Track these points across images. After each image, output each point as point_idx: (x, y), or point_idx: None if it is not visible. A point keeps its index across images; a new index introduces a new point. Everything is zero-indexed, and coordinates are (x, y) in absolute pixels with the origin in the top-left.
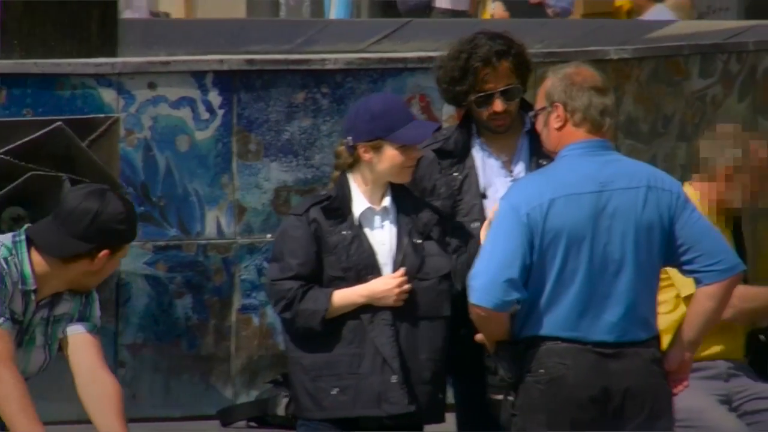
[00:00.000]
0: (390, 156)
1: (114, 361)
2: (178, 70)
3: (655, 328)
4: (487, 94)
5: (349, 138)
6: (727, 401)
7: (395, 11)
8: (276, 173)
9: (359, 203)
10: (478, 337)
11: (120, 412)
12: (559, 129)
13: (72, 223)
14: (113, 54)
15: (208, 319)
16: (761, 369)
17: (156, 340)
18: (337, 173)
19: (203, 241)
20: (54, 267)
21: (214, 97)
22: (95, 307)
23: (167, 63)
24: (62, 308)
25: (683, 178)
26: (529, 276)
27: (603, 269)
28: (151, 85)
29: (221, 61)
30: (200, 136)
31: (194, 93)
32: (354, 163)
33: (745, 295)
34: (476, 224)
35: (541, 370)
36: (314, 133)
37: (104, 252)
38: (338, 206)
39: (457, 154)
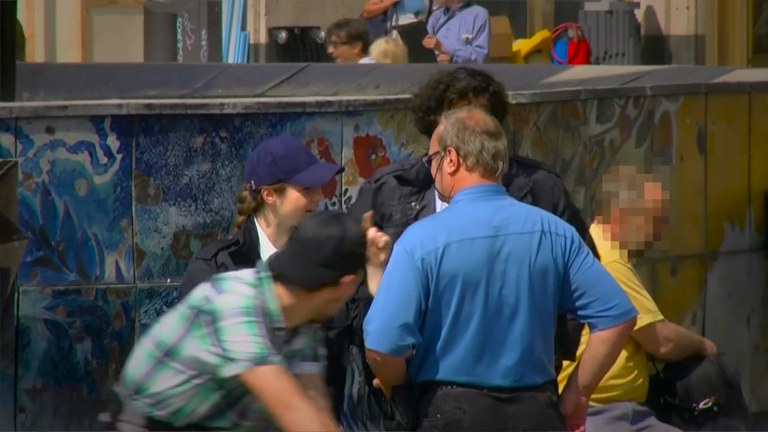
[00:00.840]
0: (293, 198)
1: (14, 406)
2: (76, 115)
3: (551, 372)
4: None
5: (252, 182)
6: None
7: (293, 56)
8: (175, 217)
9: (266, 248)
10: (375, 381)
11: None
12: (453, 174)
13: (316, 251)
14: (11, 98)
15: (108, 364)
16: (661, 408)
17: (56, 385)
18: (241, 218)
19: (102, 286)
20: (300, 298)
21: (113, 142)
22: (320, 347)
23: (65, 107)
24: (298, 343)
25: None
26: (424, 320)
27: (498, 314)
28: (49, 130)
29: (120, 106)
30: (99, 180)
31: (93, 137)
32: (258, 207)
33: (679, 330)
34: None
35: (438, 415)
36: (213, 178)
37: (349, 277)
38: (246, 251)
39: (418, 185)
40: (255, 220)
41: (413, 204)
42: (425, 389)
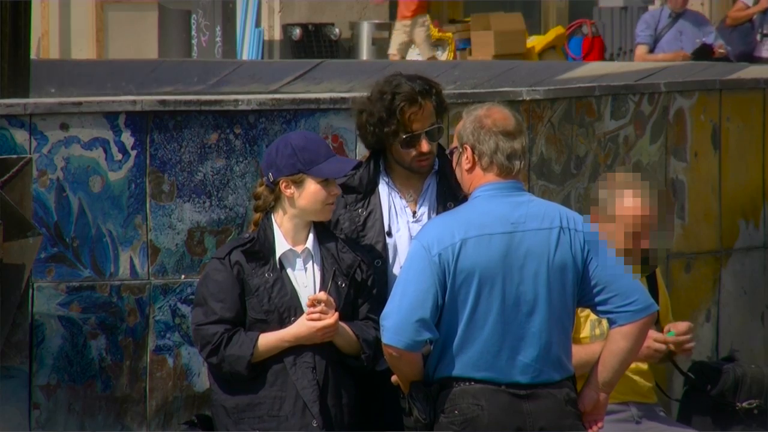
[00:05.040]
0: (312, 191)
1: (28, 403)
2: (90, 111)
3: (570, 368)
4: (414, 135)
5: (270, 174)
6: None
7: (307, 52)
8: (189, 214)
9: (281, 245)
10: (394, 378)
11: None
12: (469, 171)
13: None
14: (25, 95)
15: (122, 360)
16: (691, 406)
17: (70, 381)
18: (257, 216)
19: (117, 282)
20: None
21: (127, 138)
22: None
23: (80, 104)
24: None
25: None
26: (442, 316)
27: (516, 310)
28: (64, 126)
29: (134, 102)
30: (113, 176)
31: (107, 134)
32: (275, 202)
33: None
34: (378, 262)
35: (456, 411)
36: (227, 174)
37: None
38: (260, 249)
39: (362, 191)
40: (272, 217)
41: (360, 211)
42: (443, 385)
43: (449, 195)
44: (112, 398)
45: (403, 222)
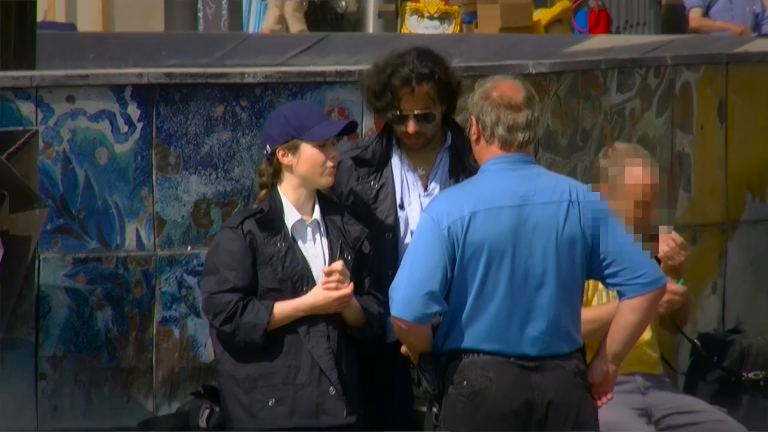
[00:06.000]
0: (309, 155)
1: (34, 374)
2: (96, 84)
3: (579, 340)
4: (402, 114)
5: (267, 147)
6: (645, 414)
7: (313, 25)
8: (195, 186)
9: (291, 215)
10: (403, 348)
11: None
12: (476, 142)
13: None
14: (31, 67)
15: (128, 332)
16: (697, 378)
17: (76, 353)
18: (263, 192)
19: (123, 254)
20: None
21: (133, 111)
22: None
23: (86, 76)
24: None
25: None
26: (451, 289)
27: (525, 283)
28: (70, 98)
29: (140, 75)
30: (119, 149)
31: (113, 106)
32: (277, 174)
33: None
34: (389, 235)
35: (464, 383)
36: (233, 146)
37: None
38: (272, 218)
39: (375, 164)
40: (279, 189)
41: (372, 183)
42: (451, 357)
43: (461, 169)
44: (118, 369)
45: (415, 195)
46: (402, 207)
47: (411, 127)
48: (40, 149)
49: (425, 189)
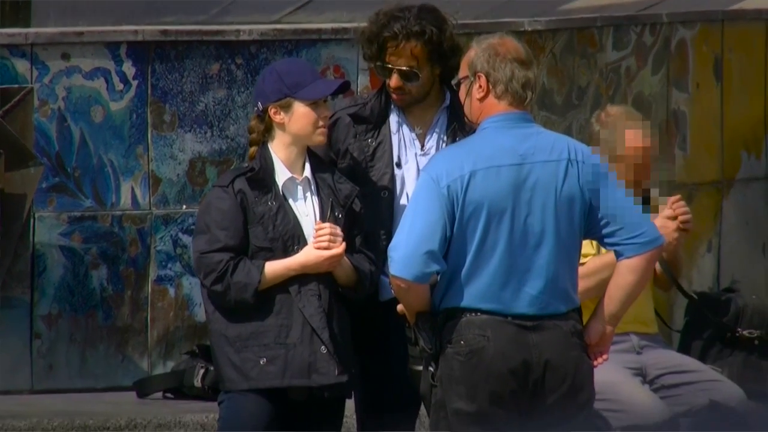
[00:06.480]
0: (301, 114)
1: (29, 332)
2: (92, 41)
3: (576, 300)
4: (385, 66)
5: (258, 103)
6: (640, 373)
7: None
8: (191, 144)
9: (282, 173)
10: (399, 307)
11: None
12: (481, 100)
13: None
14: (26, 24)
15: (123, 291)
16: (691, 337)
17: (72, 312)
18: (253, 149)
19: (118, 212)
20: None
21: (129, 68)
22: None
23: (81, 34)
24: None
25: None
26: (449, 248)
27: (523, 242)
28: (65, 56)
29: (135, 32)
30: (115, 107)
31: (108, 64)
32: (269, 132)
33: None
34: (385, 193)
35: (461, 342)
36: (228, 104)
37: None
38: (263, 177)
39: (373, 121)
40: (269, 147)
41: (369, 141)
42: (449, 316)
43: (459, 129)
44: (113, 328)
45: (412, 154)
46: (399, 165)
47: (393, 81)
48: (35, 107)
49: (422, 148)
